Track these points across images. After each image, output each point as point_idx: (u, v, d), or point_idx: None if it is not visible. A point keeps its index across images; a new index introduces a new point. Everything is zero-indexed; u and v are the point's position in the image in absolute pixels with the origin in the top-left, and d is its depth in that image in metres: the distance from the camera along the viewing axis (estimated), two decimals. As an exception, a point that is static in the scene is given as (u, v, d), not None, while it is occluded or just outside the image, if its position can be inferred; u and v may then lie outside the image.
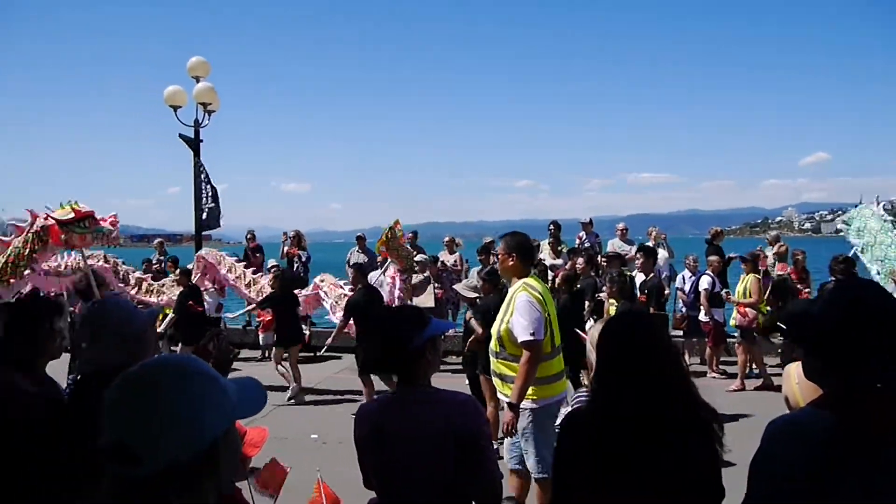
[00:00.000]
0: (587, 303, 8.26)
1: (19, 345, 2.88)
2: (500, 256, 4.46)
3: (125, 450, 1.16)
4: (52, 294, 8.49)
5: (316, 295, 10.20)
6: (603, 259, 10.44)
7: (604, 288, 7.91)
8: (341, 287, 10.04)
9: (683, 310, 10.56)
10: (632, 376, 2.01)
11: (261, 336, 11.79)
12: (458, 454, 2.32)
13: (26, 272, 7.28)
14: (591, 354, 2.55)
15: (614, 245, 12.04)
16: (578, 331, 4.74)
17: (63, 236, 7.19)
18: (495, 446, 3.45)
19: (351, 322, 8.40)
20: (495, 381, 4.46)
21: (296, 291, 9.84)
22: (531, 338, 4.09)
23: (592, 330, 2.68)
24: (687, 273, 10.55)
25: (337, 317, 9.45)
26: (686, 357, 9.71)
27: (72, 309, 8.53)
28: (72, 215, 7.22)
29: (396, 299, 9.98)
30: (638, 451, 1.94)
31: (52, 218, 7.27)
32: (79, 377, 2.73)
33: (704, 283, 9.72)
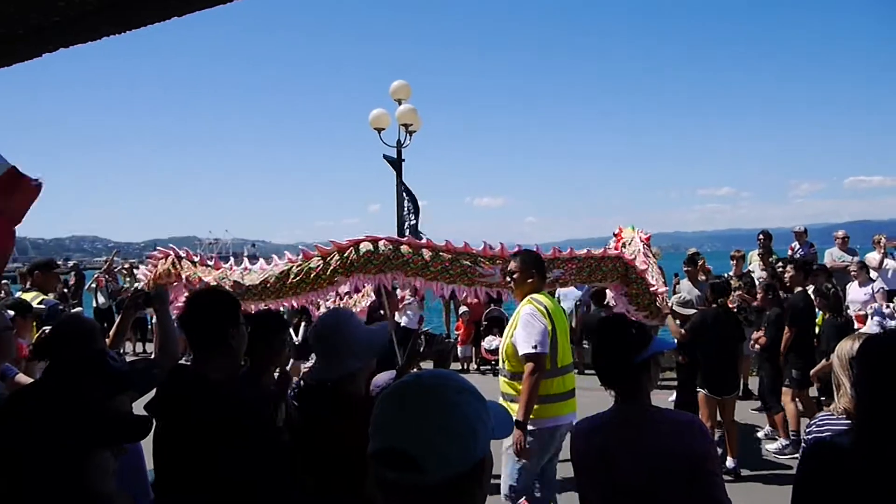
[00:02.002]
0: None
1: (259, 353, 3.19)
2: (516, 273, 4.38)
3: (406, 457, 1.19)
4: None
5: None
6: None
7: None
8: None
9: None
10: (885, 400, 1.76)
11: (459, 349, 12.16)
12: (681, 479, 2.22)
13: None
14: (841, 375, 2.35)
15: (832, 255, 11.07)
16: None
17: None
18: None
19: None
20: (500, 400, 4.20)
21: None
22: (532, 350, 3.99)
23: (842, 346, 2.44)
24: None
25: None
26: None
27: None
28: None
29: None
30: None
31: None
32: (302, 385, 2.97)
33: None
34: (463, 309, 12.64)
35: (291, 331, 7.23)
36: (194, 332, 2.67)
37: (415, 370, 3.17)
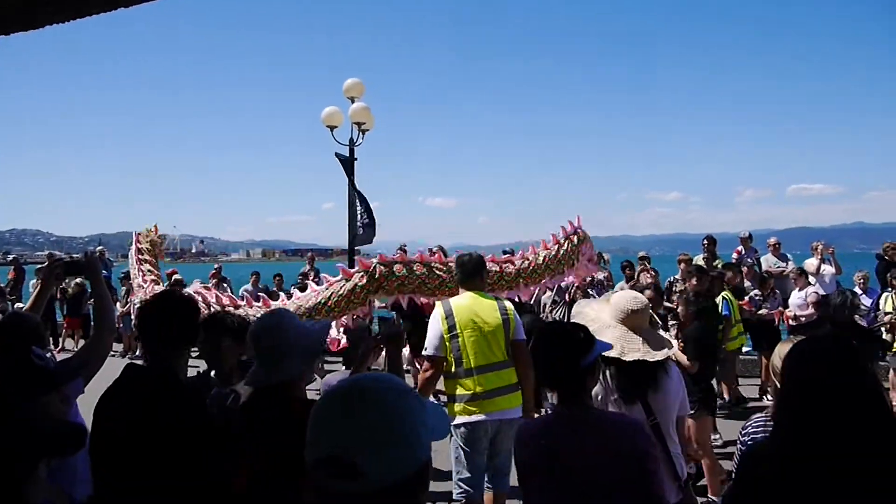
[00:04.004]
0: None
1: (222, 357, 3.14)
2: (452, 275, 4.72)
3: (345, 464, 1.15)
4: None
5: None
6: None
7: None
8: None
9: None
10: (826, 406, 1.77)
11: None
12: (623, 479, 2.25)
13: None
14: (774, 378, 2.40)
15: (768, 261, 11.38)
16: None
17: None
18: None
19: None
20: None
21: None
22: (425, 352, 4.28)
23: (777, 349, 2.50)
24: (857, 291, 9.82)
25: None
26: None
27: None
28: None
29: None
30: (832, 495, 1.71)
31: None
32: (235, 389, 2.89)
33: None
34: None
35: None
36: (165, 330, 2.59)
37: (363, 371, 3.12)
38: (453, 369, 4.24)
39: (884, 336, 8.65)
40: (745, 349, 9.84)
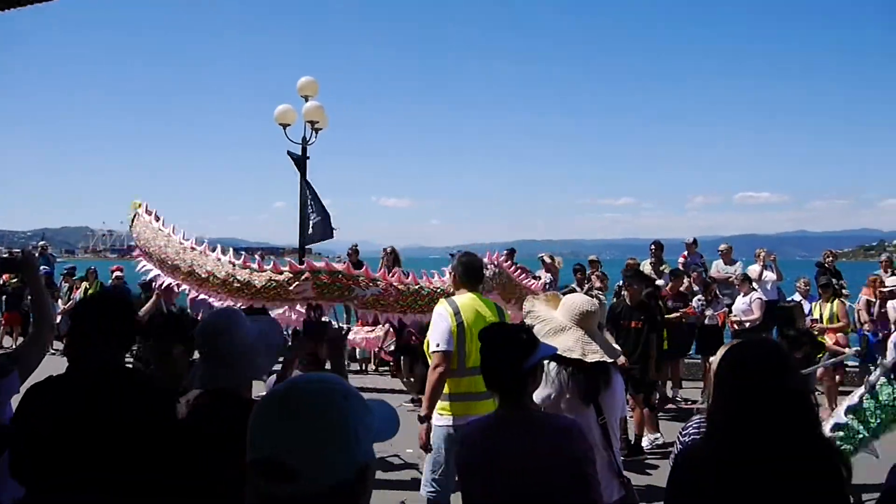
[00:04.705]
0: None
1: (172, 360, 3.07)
2: (451, 274, 4.65)
3: (281, 466, 1.14)
4: None
5: None
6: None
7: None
8: None
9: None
10: (756, 410, 1.82)
11: (357, 350, 12.14)
12: (561, 481, 2.27)
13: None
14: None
15: (718, 267, 11.66)
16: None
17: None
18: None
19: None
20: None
21: None
22: (435, 348, 4.18)
23: (720, 351, 2.54)
24: (798, 298, 10.12)
25: None
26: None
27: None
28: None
29: None
30: (753, 491, 1.78)
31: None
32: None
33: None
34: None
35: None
36: (103, 328, 2.48)
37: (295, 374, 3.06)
38: (454, 366, 4.21)
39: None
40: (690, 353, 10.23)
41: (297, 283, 6.04)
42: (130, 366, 2.75)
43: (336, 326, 3.83)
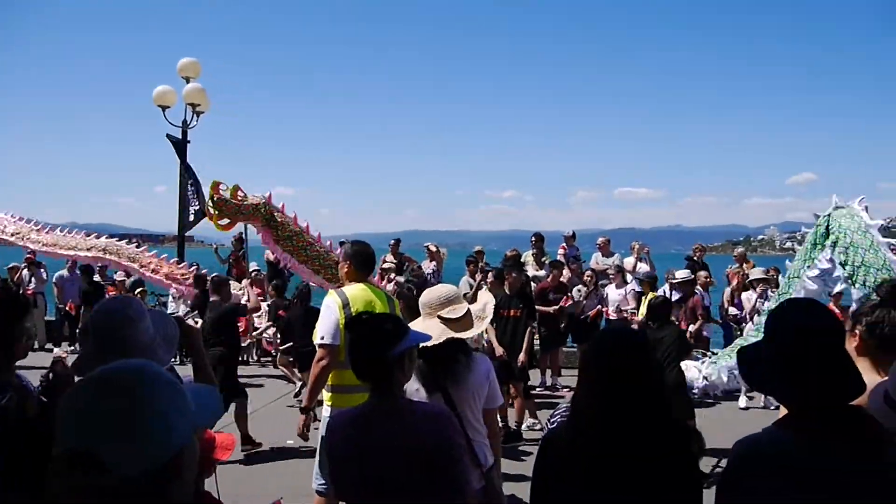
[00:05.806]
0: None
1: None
2: (340, 263, 4.73)
3: (87, 456, 1.11)
4: None
5: None
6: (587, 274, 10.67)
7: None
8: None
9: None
10: (612, 395, 1.93)
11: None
12: (430, 468, 2.30)
13: None
14: None
15: (597, 259, 12.11)
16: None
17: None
18: None
19: None
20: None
21: None
22: (321, 340, 4.17)
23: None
24: (667, 288, 10.67)
25: None
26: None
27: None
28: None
29: None
30: (614, 475, 1.89)
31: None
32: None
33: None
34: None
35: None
36: None
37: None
38: (342, 358, 4.08)
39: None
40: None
41: None
42: None
43: (187, 316, 3.65)
